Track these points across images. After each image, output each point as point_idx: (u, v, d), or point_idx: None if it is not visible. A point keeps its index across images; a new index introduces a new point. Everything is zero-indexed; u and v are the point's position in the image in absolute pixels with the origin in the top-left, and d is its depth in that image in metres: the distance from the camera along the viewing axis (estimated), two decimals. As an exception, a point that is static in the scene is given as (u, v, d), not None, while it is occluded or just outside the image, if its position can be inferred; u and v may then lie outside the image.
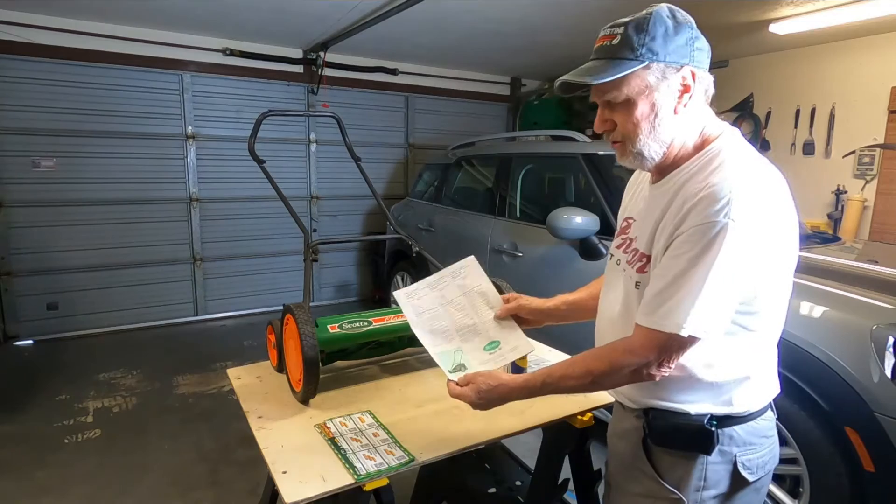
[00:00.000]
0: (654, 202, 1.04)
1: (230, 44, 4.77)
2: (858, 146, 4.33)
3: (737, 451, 1.01)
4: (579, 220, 2.58)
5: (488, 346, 1.24)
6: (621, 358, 0.97)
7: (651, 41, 0.93)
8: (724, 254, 0.87)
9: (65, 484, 2.47)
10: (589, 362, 1.02)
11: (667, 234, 0.95)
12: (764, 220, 0.89)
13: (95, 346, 4.33)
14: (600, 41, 0.99)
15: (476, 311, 1.29)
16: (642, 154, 0.99)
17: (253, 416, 1.38)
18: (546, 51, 4.96)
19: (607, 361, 0.99)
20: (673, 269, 0.91)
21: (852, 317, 1.77)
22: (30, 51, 4.05)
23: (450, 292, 1.31)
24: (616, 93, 0.96)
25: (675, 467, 1.03)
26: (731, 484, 1.02)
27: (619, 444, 1.15)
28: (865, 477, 1.71)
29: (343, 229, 5.67)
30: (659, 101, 0.95)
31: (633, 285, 1.03)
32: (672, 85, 0.95)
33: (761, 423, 1.03)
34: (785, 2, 3.48)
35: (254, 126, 2.38)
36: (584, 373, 1.01)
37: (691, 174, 0.97)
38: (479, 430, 1.30)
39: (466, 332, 1.25)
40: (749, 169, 0.93)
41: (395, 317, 1.64)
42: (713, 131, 1.01)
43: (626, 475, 1.11)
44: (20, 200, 4.24)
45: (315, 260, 2.04)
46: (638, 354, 0.94)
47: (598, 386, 1.03)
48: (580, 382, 1.02)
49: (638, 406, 1.08)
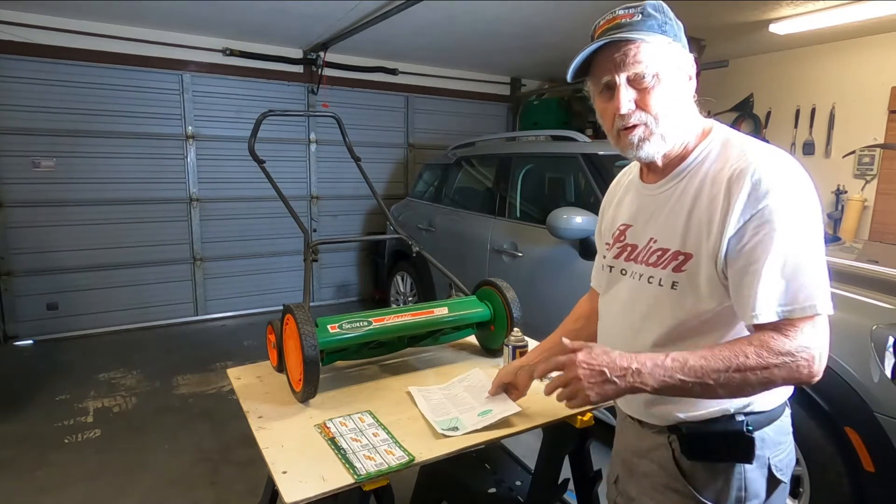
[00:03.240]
0: (662, 200, 1.01)
1: (230, 44, 4.77)
2: (858, 146, 4.33)
3: (769, 453, 0.98)
4: (579, 220, 2.58)
5: (481, 413, 1.35)
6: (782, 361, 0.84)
7: (670, 21, 0.94)
8: (814, 221, 0.87)
9: (65, 484, 2.47)
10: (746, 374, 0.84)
11: (717, 223, 0.90)
12: (813, 190, 0.90)
13: (95, 346, 4.33)
14: (613, 21, 0.94)
15: (475, 398, 1.44)
16: (663, 138, 0.94)
17: (253, 416, 1.38)
18: (546, 51, 4.96)
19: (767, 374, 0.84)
20: (774, 253, 0.85)
21: (852, 317, 1.77)
22: (30, 51, 4.05)
23: (454, 390, 1.51)
24: (646, 65, 0.91)
25: (712, 481, 0.97)
26: (767, 488, 0.98)
27: (642, 465, 1.07)
28: (865, 477, 1.71)
29: (343, 229, 5.67)
30: (682, 82, 0.95)
31: (670, 286, 0.97)
32: (688, 69, 0.95)
33: (785, 420, 1.01)
34: (785, 2, 3.48)
35: (254, 126, 2.38)
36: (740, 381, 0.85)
37: (710, 161, 0.95)
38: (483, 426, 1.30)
39: (463, 407, 1.40)
40: (775, 149, 0.93)
41: (396, 317, 1.64)
42: (705, 123, 1.01)
43: (657, 497, 1.03)
44: (20, 200, 4.24)
45: (315, 260, 2.04)
46: (801, 353, 0.84)
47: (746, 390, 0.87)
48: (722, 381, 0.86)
49: (663, 423, 1.02)
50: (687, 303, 0.96)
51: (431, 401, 1.45)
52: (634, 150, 0.97)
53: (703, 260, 0.93)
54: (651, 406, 1.04)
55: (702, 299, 0.94)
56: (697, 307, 0.95)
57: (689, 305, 0.96)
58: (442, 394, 1.49)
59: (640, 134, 0.95)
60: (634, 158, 1.00)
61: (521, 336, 1.57)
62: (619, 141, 0.98)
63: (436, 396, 1.48)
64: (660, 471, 1.03)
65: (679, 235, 0.97)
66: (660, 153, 0.97)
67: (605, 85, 0.96)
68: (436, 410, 1.39)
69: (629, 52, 0.92)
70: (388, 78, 5.59)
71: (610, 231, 1.16)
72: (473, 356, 1.83)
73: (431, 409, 1.40)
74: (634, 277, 1.05)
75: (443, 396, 1.47)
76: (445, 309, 1.74)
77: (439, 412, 1.38)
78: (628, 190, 1.14)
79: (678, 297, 0.96)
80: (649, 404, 1.04)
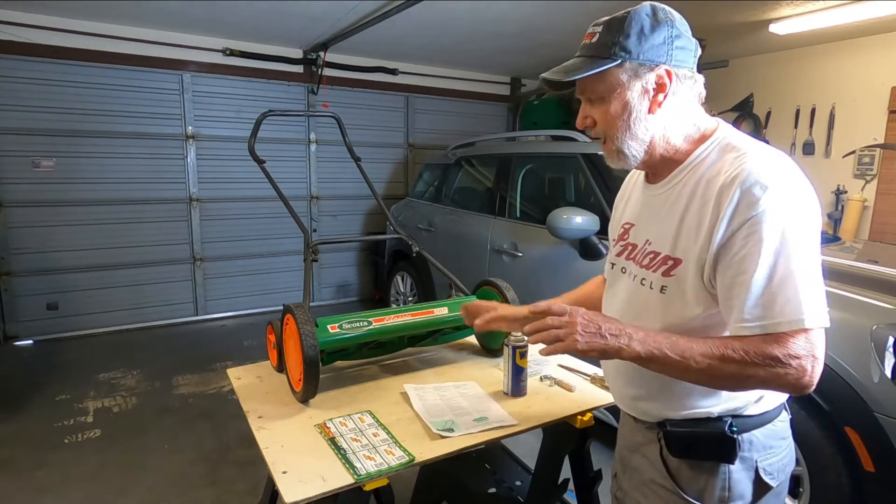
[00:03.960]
0: (660, 202, 1.02)
1: (230, 44, 4.77)
2: (858, 146, 4.33)
3: (757, 456, 0.98)
4: (579, 220, 2.58)
5: (477, 419, 1.36)
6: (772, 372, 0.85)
7: (625, 40, 0.94)
8: (807, 231, 0.86)
9: (64, 484, 2.47)
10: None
11: (705, 230, 0.90)
12: (812, 196, 0.90)
13: (95, 346, 4.33)
14: (584, 39, 1.01)
15: (471, 405, 1.45)
16: (622, 151, 0.99)
17: (253, 416, 1.38)
18: (546, 51, 4.96)
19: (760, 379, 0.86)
20: (762, 264, 0.84)
21: (852, 317, 1.77)
22: (30, 51, 4.05)
23: (450, 393, 1.52)
24: (592, 90, 0.99)
25: (696, 479, 0.99)
26: (754, 491, 0.98)
27: (633, 459, 1.10)
28: (865, 477, 1.71)
29: (343, 229, 5.67)
30: (632, 100, 0.96)
31: (659, 290, 0.98)
32: (647, 83, 0.95)
33: (778, 424, 1.01)
34: (785, 2, 3.48)
35: (254, 126, 2.38)
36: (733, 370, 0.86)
37: (707, 165, 0.95)
38: (478, 431, 1.30)
39: (459, 412, 1.41)
40: (775, 153, 0.92)
41: (396, 317, 1.64)
42: (708, 125, 1.00)
43: (644, 491, 1.06)
44: (20, 200, 4.24)
45: (315, 260, 2.04)
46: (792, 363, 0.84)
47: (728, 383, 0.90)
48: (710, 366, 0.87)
49: (652, 419, 1.05)
50: (674, 308, 0.97)
51: (427, 401, 1.46)
52: (606, 159, 1.05)
53: (691, 266, 0.93)
54: (637, 401, 1.06)
55: (688, 305, 0.95)
56: (684, 313, 0.96)
57: (677, 311, 0.97)
58: (437, 395, 1.50)
59: (603, 147, 1.03)
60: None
61: (521, 336, 1.57)
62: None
63: (431, 397, 1.48)
64: (648, 466, 1.05)
65: (670, 239, 0.98)
66: (622, 165, 1.02)
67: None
68: (431, 411, 1.40)
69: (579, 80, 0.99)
70: (388, 78, 5.59)
71: (616, 229, 1.18)
72: (473, 356, 1.83)
73: (426, 409, 1.41)
74: (631, 277, 1.07)
75: (438, 398, 1.48)
76: (445, 309, 1.74)
77: (434, 413, 1.38)
78: (636, 188, 1.15)
79: (666, 301, 0.97)
80: (635, 399, 1.06)
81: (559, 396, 1.52)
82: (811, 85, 4.61)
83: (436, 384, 1.56)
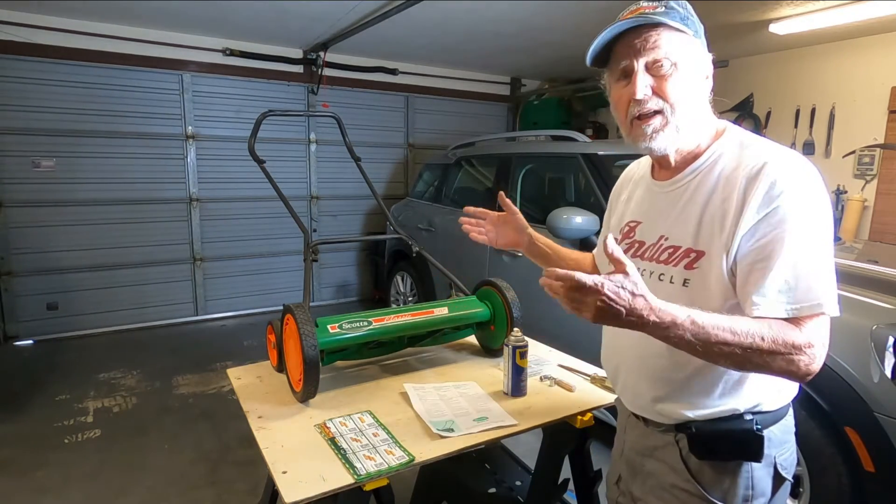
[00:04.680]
0: (674, 197, 1.01)
1: (230, 44, 4.77)
2: (858, 146, 4.33)
3: (775, 452, 0.98)
4: (579, 220, 2.58)
5: (477, 419, 1.36)
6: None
7: (692, 18, 0.93)
8: (826, 221, 0.87)
9: (65, 484, 2.47)
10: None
11: (730, 220, 0.90)
12: (826, 191, 0.91)
13: (95, 346, 4.33)
14: (636, 10, 0.93)
15: (471, 404, 1.45)
16: (678, 129, 0.93)
17: (253, 416, 1.38)
18: (546, 51, 4.96)
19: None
20: (788, 250, 0.85)
21: (852, 317, 1.77)
22: (30, 51, 4.05)
23: (449, 393, 1.53)
24: (665, 52, 0.91)
25: (719, 480, 0.97)
26: (773, 487, 0.98)
27: (646, 464, 1.07)
28: (865, 477, 1.71)
29: (343, 229, 5.67)
30: (699, 78, 0.95)
31: (682, 283, 0.96)
32: (706, 68, 0.95)
33: (789, 420, 1.02)
34: (785, 2, 3.48)
35: (254, 126, 2.38)
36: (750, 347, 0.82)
37: (726, 161, 0.95)
38: (478, 430, 1.30)
39: (459, 412, 1.41)
40: (790, 149, 0.93)
41: (396, 317, 1.64)
42: (720, 123, 1.01)
43: (664, 496, 1.03)
44: (20, 200, 4.24)
45: (315, 260, 2.04)
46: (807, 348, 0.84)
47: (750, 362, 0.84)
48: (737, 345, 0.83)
49: (670, 421, 1.02)
50: (697, 300, 0.95)
51: (427, 401, 1.46)
52: (648, 140, 0.95)
53: (715, 257, 0.93)
54: (658, 403, 1.03)
55: (711, 297, 0.94)
56: (707, 305, 0.94)
57: (699, 303, 0.94)
58: (437, 395, 1.50)
59: (655, 124, 0.94)
60: (646, 151, 0.98)
61: (521, 336, 1.57)
62: (633, 131, 0.97)
63: (431, 397, 1.49)
64: (667, 470, 1.03)
65: (691, 233, 0.96)
66: (673, 146, 0.96)
67: (622, 71, 0.96)
68: (431, 411, 1.40)
69: (649, 38, 0.91)
70: (388, 78, 5.59)
71: (618, 227, 1.16)
72: (473, 356, 1.83)
73: (426, 409, 1.41)
74: (644, 275, 1.03)
75: (438, 398, 1.48)
76: (445, 309, 1.74)
77: (434, 413, 1.39)
78: (638, 186, 1.14)
79: (689, 294, 0.96)
80: (656, 401, 1.03)
81: (559, 396, 1.52)
82: (811, 85, 4.61)
83: (436, 384, 1.57)
